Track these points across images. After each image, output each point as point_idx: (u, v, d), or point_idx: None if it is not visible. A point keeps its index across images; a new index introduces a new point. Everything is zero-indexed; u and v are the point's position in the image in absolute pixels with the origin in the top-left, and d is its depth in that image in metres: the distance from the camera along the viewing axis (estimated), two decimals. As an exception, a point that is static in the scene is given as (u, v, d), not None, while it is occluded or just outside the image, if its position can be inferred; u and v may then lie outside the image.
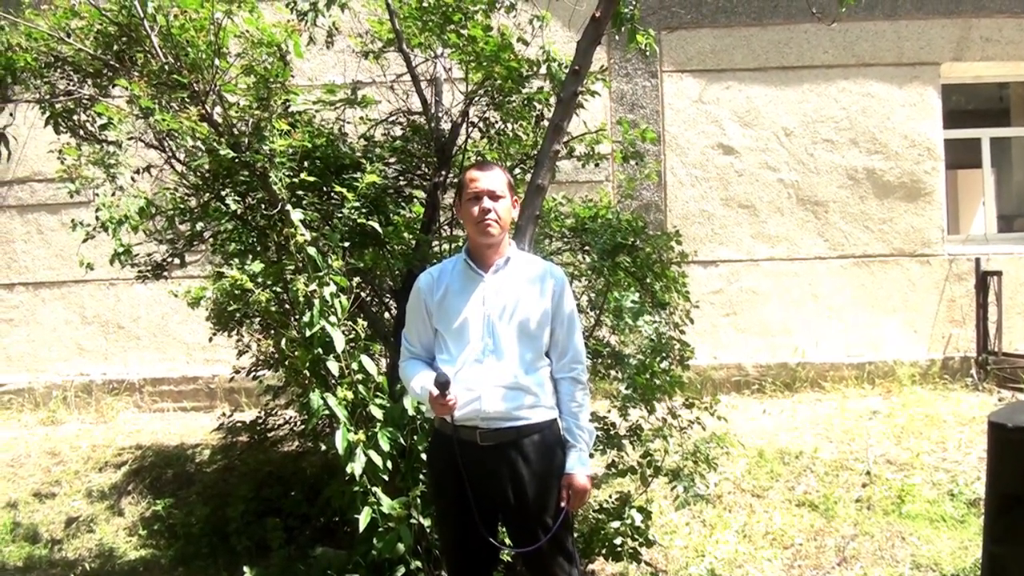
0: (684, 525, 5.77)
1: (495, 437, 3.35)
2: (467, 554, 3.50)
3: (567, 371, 3.51)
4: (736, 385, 8.45)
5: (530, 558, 3.47)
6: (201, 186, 5.07)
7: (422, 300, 3.50)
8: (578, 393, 3.51)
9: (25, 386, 8.81)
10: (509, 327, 3.39)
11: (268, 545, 5.45)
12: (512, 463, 3.35)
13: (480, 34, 4.75)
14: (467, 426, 3.35)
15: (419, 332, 3.54)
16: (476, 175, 3.46)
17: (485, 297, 3.42)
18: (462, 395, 3.31)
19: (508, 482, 3.36)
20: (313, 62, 7.93)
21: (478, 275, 3.45)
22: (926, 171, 8.54)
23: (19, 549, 6.09)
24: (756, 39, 8.62)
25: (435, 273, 3.54)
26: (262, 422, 6.39)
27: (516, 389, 3.35)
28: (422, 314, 3.51)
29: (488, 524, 3.42)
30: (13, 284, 8.98)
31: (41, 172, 8.70)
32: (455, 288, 3.45)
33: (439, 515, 3.73)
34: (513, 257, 3.51)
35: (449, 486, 3.42)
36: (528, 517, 3.39)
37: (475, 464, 3.35)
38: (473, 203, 3.41)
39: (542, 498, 3.39)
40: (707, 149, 8.64)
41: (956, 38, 8.55)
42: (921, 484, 6.02)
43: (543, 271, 3.52)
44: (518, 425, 3.36)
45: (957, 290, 8.53)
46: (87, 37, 4.59)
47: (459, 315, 3.41)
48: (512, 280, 3.46)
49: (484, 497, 3.37)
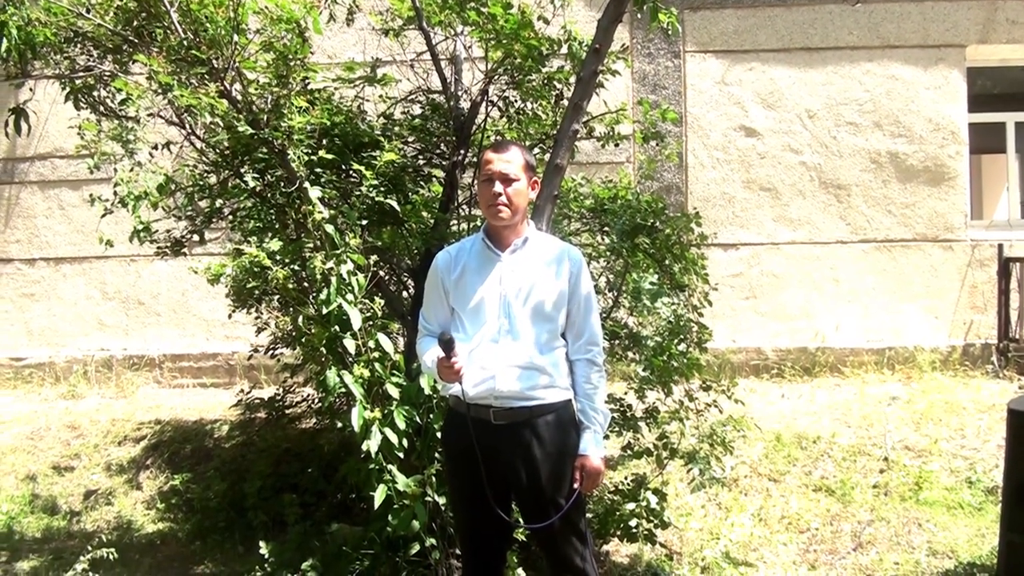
0: (700, 508, 5.76)
1: (508, 416, 3.35)
2: (480, 532, 3.51)
3: (583, 352, 3.49)
4: (755, 369, 8.42)
5: (542, 537, 3.48)
6: (220, 163, 5.08)
7: (439, 278, 3.50)
8: (593, 375, 3.49)
9: (46, 360, 8.88)
10: (525, 307, 3.38)
11: (284, 520, 5.50)
12: (525, 442, 3.36)
13: (500, 12, 4.71)
14: (481, 405, 3.36)
15: (436, 310, 3.55)
16: (491, 156, 3.43)
17: (502, 277, 3.41)
18: (477, 373, 3.33)
19: (521, 461, 3.36)
20: (333, 40, 7.91)
21: (495, 255, 3.44)
22: (950, 155, 8.44)
23: (38, 521, 6.16)
24: (780, 19, 8.52)
25: (453, 252, 3.54)
26: (280, 399, 6.43)
27: (530, 369, 3.35)
28: (439, 292, 3.51)
29: (501, 503, 3.42)
30: (35, 259, 9.04)
31: (62, 148, 8.75)
32: (472, 267, 3.45)
33: (453, 493, 3.73)
34: (531, 238, 3.50)
35: (463, 464, 3.42)
36: (540, 496, 3.39)
37: (488, 443, 3.35)
38: (486, 185, 3.40)
39: (555, 478, 3.39)
40: (729, 131, 8.57)
41: (982, 20, 8.44)
42: (939, 471, 5.99)
43: (560, 252, 3.51)
44: (531, 405, 3.36)
45: (979, 276, 8.44)
46: (106, 12, 4.59)
47: (475, 294, 3.41)
48: (529, 261, 3.45)
49: (497, 476, 3.38)
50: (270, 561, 4.95)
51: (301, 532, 5.28)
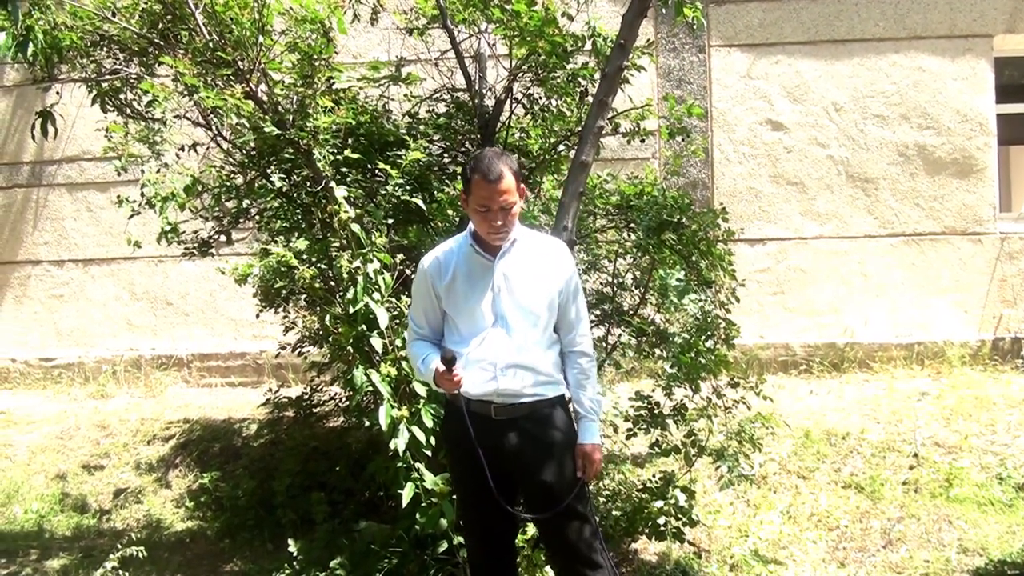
0: (728, 505, 5.74)
1: (508, 412, 3.40)
2: (485, 526, 3.55)
3: (574, 345, 3.54)
4: (783, 365, 8.36)
5: (551, 530, 3.51)
6: (247, 163, 5.10)
7: (430, 284, 3.48)
8: (586, 365, 3.55)
9: (75, 361, 8.95)
10: (519, 308, 3.40)
11: (313, 519, 5.52)
12: (525, 436, 3.41)
13: (524, 9, 4.71)
14: (482, 400, 3.40)
15: (427, 314, 3.54)
16: (486, 188, 3.27)
17: (494, 280, 3.41)
18: (476, 374, 3.36)
19: (521, 455, 3.40)
20: (358, 39, 7.92)
21: (487, 260, 3.43)
22: (978, 147, 8.35)
23: (68, 519, 6.22)
24: (806, 12, 8.45)
25: (441, 256, 3.50)
26: (308, 398, 6.45)
27: (527, 368, 3.38)
28: (430, 297, 3.50)
29: (506, 496, 3.44)
30: (63, 261, 9.11)
31: (90, 151, 8.80)
32: (463, 272, 3.44)
33: (456, 487, 3.76)
34: (518, 237, 3.47)
35: (464, 458, 3.45)
36: (544, 488, 3.42)
37: (489, 437, 3.38)
38: (484, 215, 3.32)
39: (557, 468, 3.42)
40: (755, 125, 8.52)
41: (1010, 9, 8.32)
42: (969, 467, 5.93)
43: (548, 247, 3.53)
44: (530, 401, 3.41)
45: (1009, 269, 8.35)
46: (132, 15, 4.63)
47: (469, 298, 3.41)
48: (520, 260, 3.44)
49: (499, 470, 3.40)
50: (299, 559, 4.98)
51: (329, 530, 5.30)
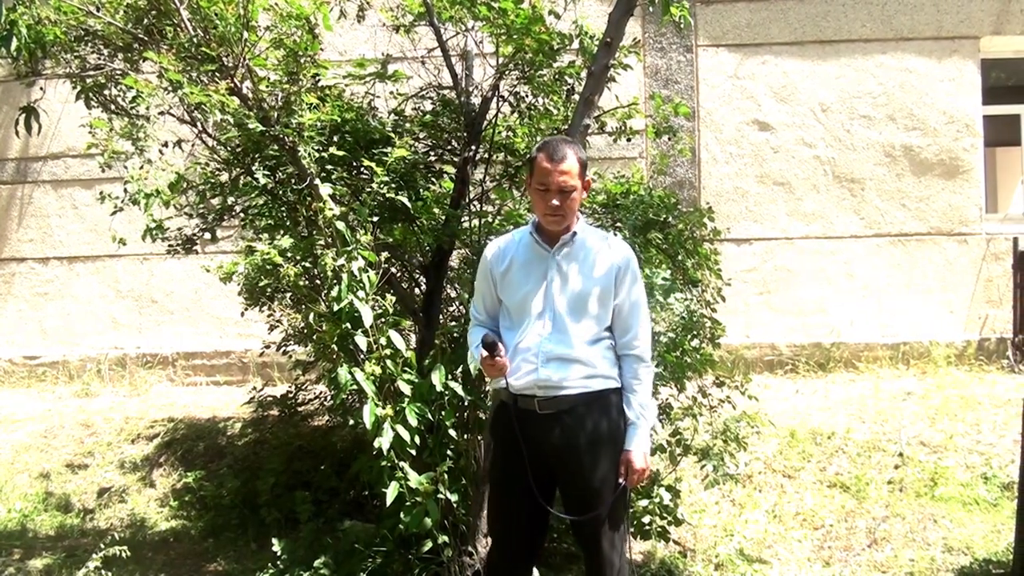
0: (713, 504, 5.74)
1: (553, 405, 3.39)
2: (519, 523, 3.53)
3: (629, 348, 3.51)
4: (769, 365, 8.38)
5: (584, 530, 3.49)
6: (231, 160, 5.08)
7: (488, 270, 3.56)
8: (640, 370, 3.51)
9: (60, 359, 8.91)
10: (569, 302, 3.42)
11: (297, 518, 5.50)
12: (569, 432, 3.39)
13: (511, 7, 4.69)
14: (526, 395, 3.41)
15: (485, 301, 3.62)
16: (547, 166, 3.34)
17: (548, 271, 3.44)
18: (520, 364, 3.39)
19: (564, 452, 3.40)
20: (344, 36, 7.90)
21: (544, 250, 3.46)
22: (964, 148, 8.38)
23: (51, 518, 6.18)
24: (793, 12, 8.47)
25: (501, 244, 3.59)
26: (293, 396, 6.43)
27: (574, 361, 3.39)
28: (488, 284, 3.57)
29: (544, 493, 3.47)
30: (48, 258, 9.07)
31: (75, 147, 8.77)
32: (520, 261, 3.50)
33: (494, 484, 3.75)
34: (580, 232, 3.50)
35: (509, 455, 3.47)
36: (585, 487, 3.42)
37: (534, 432, 3.40)
38: (543, 195, 3.37)
39: (598, 468, 3.41)
40: (742, 125, 8.53)
41: (996, 11, 8.36)
42: (954, 466, 5.95)
43: (611, 246, 3.53)
44: (574, 394, 3.39)
45: (994, 270, 8.38)
46: (116, 11, 4.60)
47: (522, 288, 3.46)
48: (577, 255, 3.47)
49: (542, 466, 3.42)
50: (283, 558, 4.96)
51: (314, 529, 5.29)
